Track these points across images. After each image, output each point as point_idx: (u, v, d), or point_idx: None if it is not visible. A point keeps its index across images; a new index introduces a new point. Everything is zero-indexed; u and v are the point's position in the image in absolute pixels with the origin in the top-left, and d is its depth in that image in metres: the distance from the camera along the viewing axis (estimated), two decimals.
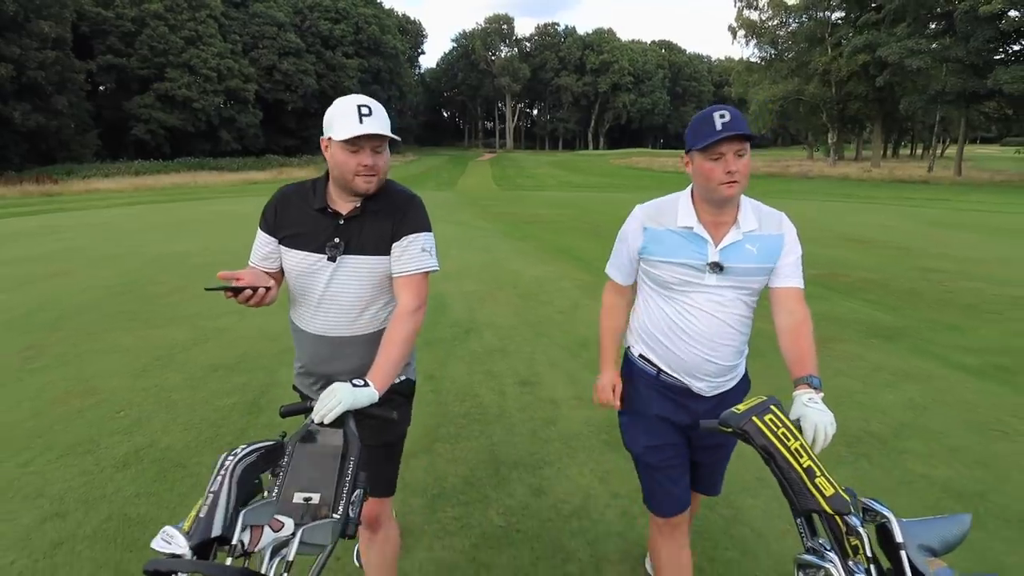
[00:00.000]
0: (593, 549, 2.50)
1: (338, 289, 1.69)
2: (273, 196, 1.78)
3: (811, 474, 1.21)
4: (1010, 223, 14.18)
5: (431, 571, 2.39)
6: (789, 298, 1.70)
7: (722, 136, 1.54)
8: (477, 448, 3.39)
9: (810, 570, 1.19)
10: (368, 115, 1.57)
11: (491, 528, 2.65)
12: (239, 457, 1.24)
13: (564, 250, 10.14)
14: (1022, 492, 2.94)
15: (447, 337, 5.42)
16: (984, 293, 7.08)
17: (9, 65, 35.31)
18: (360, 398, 1.44)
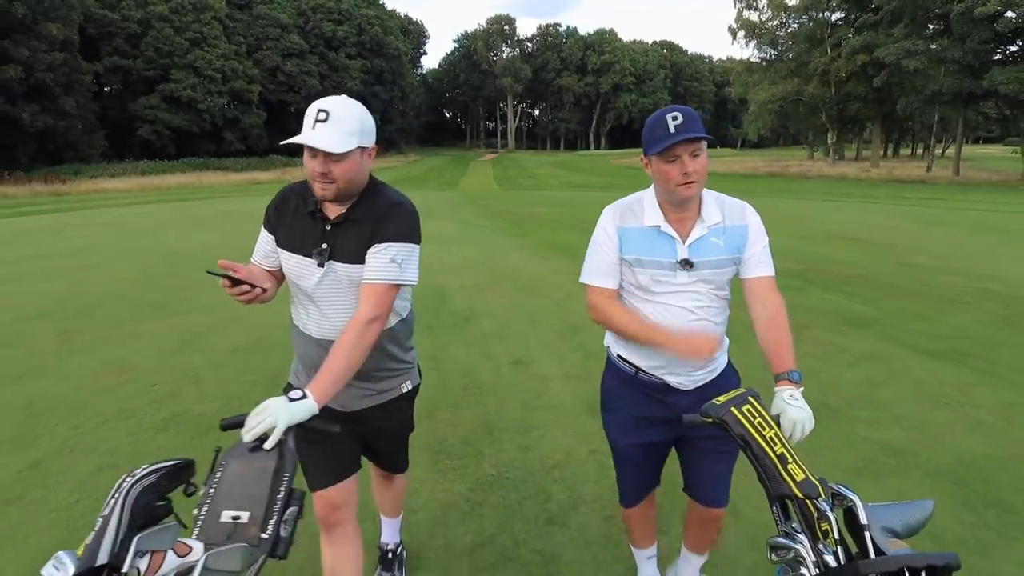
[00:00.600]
0: (571, 492, 2.93)
1: (325, 294, 1.69)
2: (276, 194, 1.79)
3: (784, 461, 1.28)
4: (998, 221, 14.55)
5: (434, 508, 2.82)
6: (761, 288, 1.74)
7: (675, 140, 1.57)
8: (473, 415, 3.82)
9: (781, 552, 1.23)
10: (323, 121, 1.53)
11: (484, 476, 3.08)
12: (137, 478, 1.18)
13: (560, 246, 10.56)
14: (950, 451, 3.36)
15: (448, 324, 5.85)
16: (957, 286, 7.48)
17: (18, 67, 35.81)
18: (296, 414, 1.36)
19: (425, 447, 3.39)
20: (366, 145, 1.63)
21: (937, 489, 2.98)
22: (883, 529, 1.19)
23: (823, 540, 1.18)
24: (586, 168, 47.87)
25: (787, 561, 1.21)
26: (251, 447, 1.31)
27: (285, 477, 1.28)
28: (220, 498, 1.24)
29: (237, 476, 1.28)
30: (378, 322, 1.60)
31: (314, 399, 1.41)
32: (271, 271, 1.78)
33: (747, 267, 1.75)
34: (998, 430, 3.61)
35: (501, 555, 2.50)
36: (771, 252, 1.78)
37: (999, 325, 5.81)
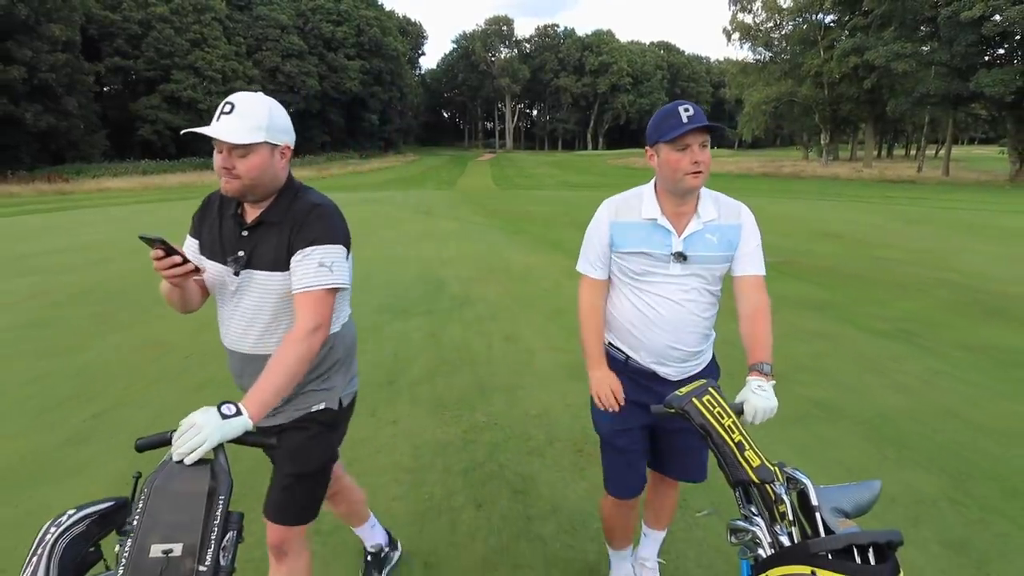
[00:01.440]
0: (548, 434, 3.53)
1: (243, 304, 1.63)
2: (202, 200, 1.74)
3: (741, 448, 1.34)
4: (974, 219, 15.15)
5: (434, 444, 3.41)
6: (749, 286, 1.81)
7: (689, 128, 1.64)
8: (468, 379, 4.42)
9: (740, 534, 1.29)
10: (228, 113, 1.50)
11: (476, 422, 3.68)
12: (63, 528, 1.11)
13: (553, 242, 11.14)
14: (873, 406, 3.96)
15: (446, 308, 6.43)
16: (918, 276, 8.07)
17: (21, 67, 36.28)
18: (229, 430, 1.26)
19: (426, 403, 3.99)
20: (277, 142, 1.57)
21: (854, 434, 3.57)
22: (833, 510, 1.26)
23: (780, 522, 1.25)
24: (583, 168, 48.47)
25: (745, 543, 1.28)
26: (178, 468, 1.18)
27: (220, 500, 1.15)
28: (147, 530, 1.09)
29: (165, 504, 1.12)
30: (321, 331, 1.51)
31: (249, 415, 1.32)
32: (198, 283, 1.69)
33: (738, 265, 1.82)
34: (917, 391, 4.21)
35: (489, 475, 3.09)
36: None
37: (945, 309, 6.40)
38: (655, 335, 1.84)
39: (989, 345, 5.22)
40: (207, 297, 1.74)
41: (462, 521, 2.73)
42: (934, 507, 2.84)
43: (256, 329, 1.63)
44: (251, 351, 1.65)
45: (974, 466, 3.20)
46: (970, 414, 3.83)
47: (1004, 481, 3.06)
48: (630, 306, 1.88)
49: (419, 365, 4.72)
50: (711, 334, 1.93)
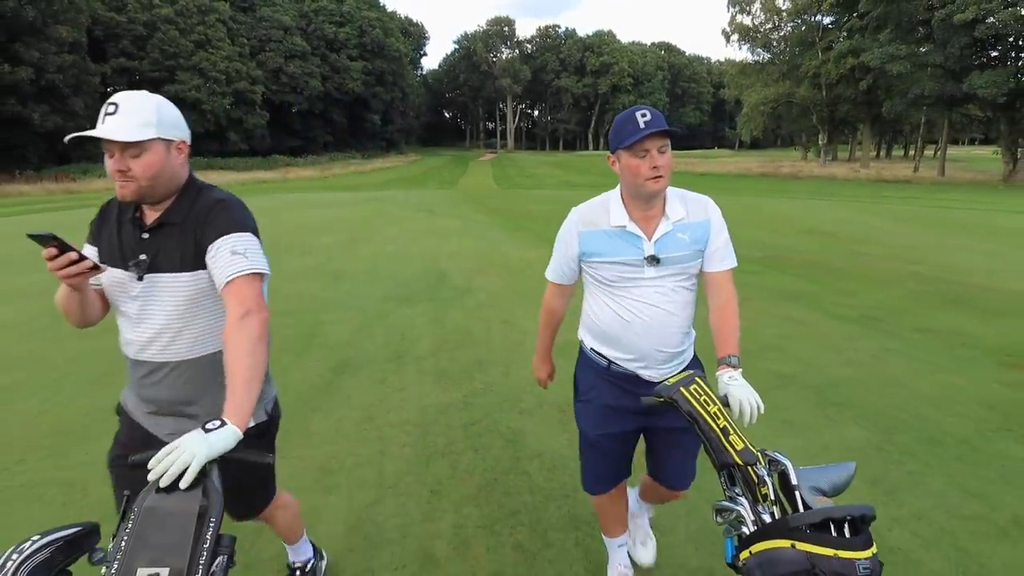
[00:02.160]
0: (537, 398, 4.05)
1: (148, 309, 1.56)
2: (100, 207, 1.68)
3: (726, 433, 1.41)
4: (961, 217, 15.65)
5: (437, 407, 3.94)
6: (718, 280, 1.86)
7: (645, 133, 1.66)
8: (468, 355, 4.94)
9: (725, 513, 1.36)
10: (112, 114, 1.46)
11: (475, 388, 4.21)
12: (25, 555, 1.07)
13: (550, 238, 11.54)
14: (823, 376, 4.47)
15: (448, 296, 6.96)
16: (892, 269, 8.58)
17: (29, 68, 36.78)
18: (218, 445, 1.21)
19: (430, 373, 4.52)
20: (171, 138, 1.53)
21: (802, 399, 4.09)
22: (811, 489, 1.33)
23: (762, 502, 1.32)
24: (584, 168, 48.97)
25: (730, 522, 1.35)
26: (166, 488, 1.14)
27: (211, 522, 1.12)
28: (134, 553, 1.06)
29: (154, 524, 1.09)
30: (253, 315, 1.45)
31: (234, 423, 1.28)
32: (97, 291, 1.64)
33: (709, 262, 1.86)
34: (866, 364, 4.73)
35: (485, 429, 3.62)
36: (742, 243, 2.15)
37: (910, 298, 6.91)
38: (637, 339, 1.86)
39: (944, 329, 5.72)
40: (108, 308, 1.67)
41: (462, 461, 3.25)
42: (861, 452, 3.36)
43: (165, 336, 1.57)
44: (157, 359, 1.58)
45: (902, 423, 3.72)
46: (910, 383, 4.34)
47: (924, 433, 3.57)
48: (610, 312, 1.89)
49: (424, 344, 5.25)
50: (692, 332, 1.97)
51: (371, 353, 5.02)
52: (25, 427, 3.70)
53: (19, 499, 2.94)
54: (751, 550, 1.25)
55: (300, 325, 5.80)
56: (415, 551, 2.53)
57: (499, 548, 2.55)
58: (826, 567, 1.15)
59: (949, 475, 3.14)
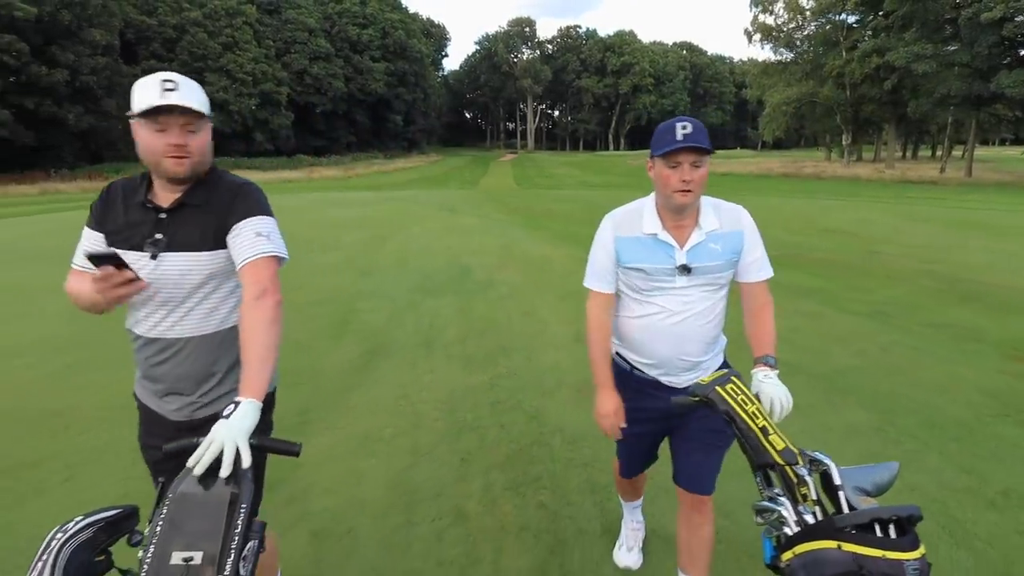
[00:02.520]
0: (557, 381, 4.33)
1: (162, 287, 1.58)
2: (102, 191, 1.67)
3: (765, 432, 1.39)
4: (983, 218, 15.59)
5: (465, 388, 4.24)
6: (755, 289, 1.89)
7: (678, 146, 1.67)
8: (492, 342, 5.24)
9: (766, 514, 1.32)
10: (173, 89, 1.47)
11: (499, 372, 4.51)
12: (69, 534, 1.10)
13: (569, 237, 11.91)
14: (830, 365, 4.69)
15: (472, 289, 7.27)
16: (908, 267, 8.70)
17: (64, 70, 37.95)
18: (244, 423, 1.27)
19: (458, 358, 4.83)
20: (210, 120, 1.58)
21: (809, 386, 4.31)
22: (855, 489, 1.30)
23: (802, 503, 1.30)
24: (603, 168, 49.09)
25: (771, 522, 1.32)
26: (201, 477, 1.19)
27: (242, 508, 1.15)
28: (169, 537, 1.10)
29: (187, 510, 1.14)
30: (269, 295, 1.49)
31: (250, 397, 1.32)
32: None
33: (745, 273, 1.87)
34: (873, 355, 4.93)
35: (510, 408, 3.91)
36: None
37: (923, 295, 7.06)
38: (659, 346, 1.88)
39: (954, 324, 5.89)
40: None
41: (489, 435, 3.55)
42: (862, 433, 3.59)
43: (177, 313, 1.60)
44: (175, 334, 1.62)
45: (904, 407, 3.93)
46: (914, 372, 4.55)
47: (924, 417, 3.79)
48: (636, 318, 1.91)
49: (450, 332, 5.56)
50: (720, 341, 1.98)
51: (402, 339, 5.34)
52: (92, 399, 4.07)
53: (89, 461, 3.29)
54: (795, 551, 1.24)
55: (335, 314, 6.15)
56: (449, 507, 2.83)
57: (524, 507, 2.84)
58: (874, 568, 1.14)
59: (945, 454, 3.36)
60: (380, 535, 2.63)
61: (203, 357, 1.63)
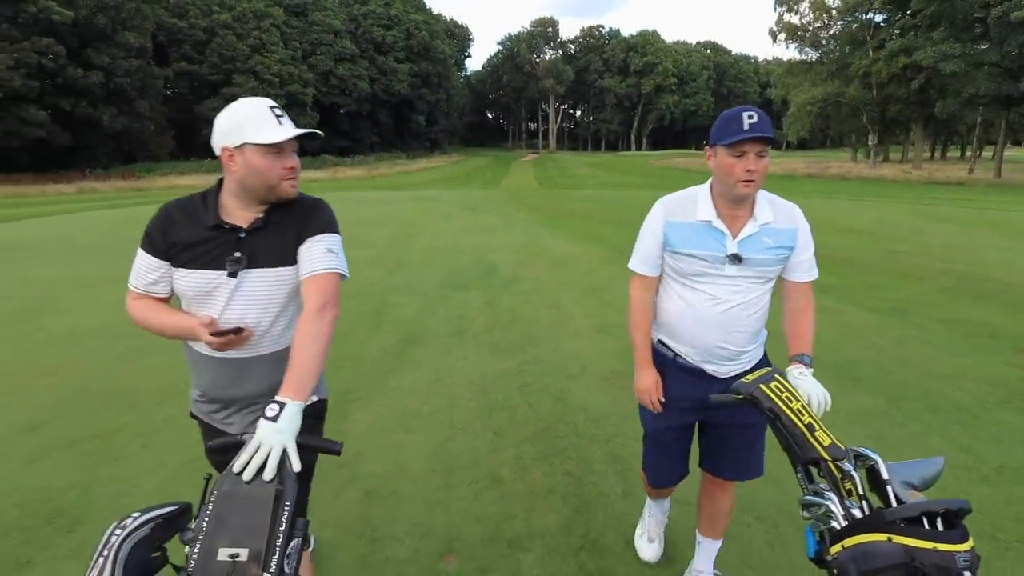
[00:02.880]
0: (581, 367, 4.62)
1: (241, 306, 1.61)
2: (156, 216, 1.66)
3: (811, 429, 1.40)
4: (1007, 219, 15.50)
5: (496, 373, 4.54)
6: (799, 289, 1.92)
7: (748, 136, 1.67)
8: (519, 333, 5.54)
9: (812, 508, 1.33)
10: (282, 116, 1.57)
11: (527, 359, 4.81)
12: (128, 531, 1.11)
13: (590, 235, 12.17)
14: (845, 357, 4.91)
15: (498, 284, 7.58)
16: (926, 266, 8.82)
17: (100, 72, 39.04)
18: (289, 426, 1.29)
19: (487, 346, 5.15)
20: None
21: (820, 374, 4.49)
22: (902, 483, 1.31)
23: (847, 497, 1.31)
24: (625, 169, 49.16)
25: (817, 516, 1.32)
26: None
27: (286, 506, 1.17)
28: (215, 533, 1.12)
29: (233, 507, 1.16)
30: (328, 309, 1.55)
31: (293, 399, 1.35)
32: (162, 298, 1.69)
33: (793, 272, 1.90)
34: (886, 348, 5.14)
35: (537, 390, 4.22)
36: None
37: (940, 293, 7.21)
38: (704, 334, 1.89)
39: (968, 320, 6.05)
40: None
41: (518, 413, 3.85)
42: (869, 416, 3.82)
43: (257, 331, 1.63)
44: (252, 353, 1.65)
45: (911, 394, 4.15)
46: (924, 364, 4.75)
47: (930, 403, 4.01)
48: (681, 304, 1.92)
49: (479, 323, 5.88)
50: (762, 334, 1.99)
51: (435, 329, 5.67)
52: (161, 377, 4.46)
53: (162, 430, 3.66)
54: (844, 544, 1.25)
55: (371, 304, 6.50)
56: (485, 474, 3.13)
57: (552, 474, 3.13)
58: (926, 559, 1.15)
59: (947, 436, 3.58)
60: (423, 496, 2.95)
61: (273, 375, 1.63)
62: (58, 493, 2.96)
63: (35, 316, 6.12)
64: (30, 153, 37.45)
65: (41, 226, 13.79)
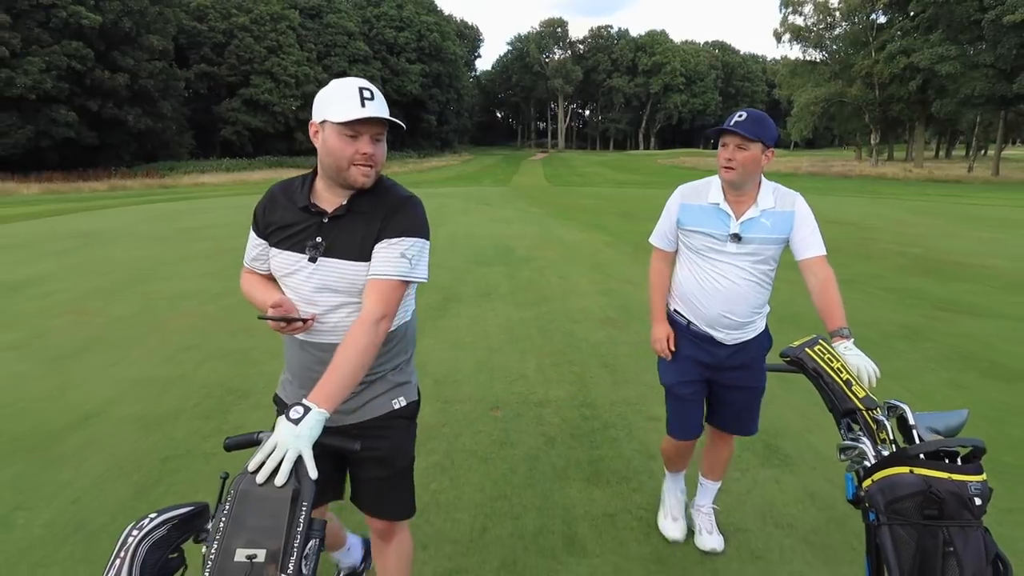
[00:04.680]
0: (585, 316, 5.98)
1: (319, 292, 1.58)
2: (264, 195, 1.70)
3: (848, 384, 1.63)
4: (983, 213, 16.61)
5: (519, 320, 5.88)
6: (812, 264, 2.10)
7: (724, 128, 2.02)
8: (535, 295, 6.92)
9: (848, 451, 1.53)
10: (371, 99, 1.48)
11: (541, 311, 6.19)
12: (145, 531, 1.12)
13: (597, 225, 13.49)
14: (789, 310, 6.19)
15: (516, 261, 8.96)
16: (889, 249, 10.08)
17: (125, 75, 40.57)
18: (308, 433, 1.24)
19: (511, 303, 6.54)
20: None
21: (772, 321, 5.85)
22: (928, 429, 1.51)
23: (881, 444, 1.53)
24: (633, 167, 50.31)
25: (852, 458, 1.53)
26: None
27: (303, 506, 1.15)
28: (232, 534, 1.10)
29: (249, 507, 1.13)
30: (386, 321, 1.51)
31: (319, 407, 1.31)
32: (265, 275, 1.72)
33: (798, 249, 2.10)
34: None
35: (550, 330, 5.60)
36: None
37: (892, 269, 8.48)
38: (711, 304, 2.16)
39: (906, 288, 7.32)
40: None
41: (537, 342, 5.23)
42: None
43: (334, 317, 1.60)
44: (329, 340, 1.61)
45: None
46: (853, 315, 5.88)
47: None
48: (692, 279, 2.21)
49: (503, 288, 7.25)
50: (764, 308, 2.25)
51: (467, 292, 7.04)
52: (268, 379, 4.58)
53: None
54: (872, 478, 1.38)
55: None
56: (516, 373, 4.49)
57: (561, 372, 4.51)
58: (941, 488, 1.27)
59: None
60: (475, 381, 4.34)
61: None
62: (224, 382, 4.34)
63: (142, 284, 7.51)
64: (59, 152, 39.05)
65: (98, 219, 15.27)
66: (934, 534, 1.30)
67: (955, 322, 5.86)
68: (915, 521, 1.32)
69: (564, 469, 3.15)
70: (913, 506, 1.32)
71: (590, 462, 3.23)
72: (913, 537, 1.31)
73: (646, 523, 2.70)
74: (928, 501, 1.30)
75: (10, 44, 34.72)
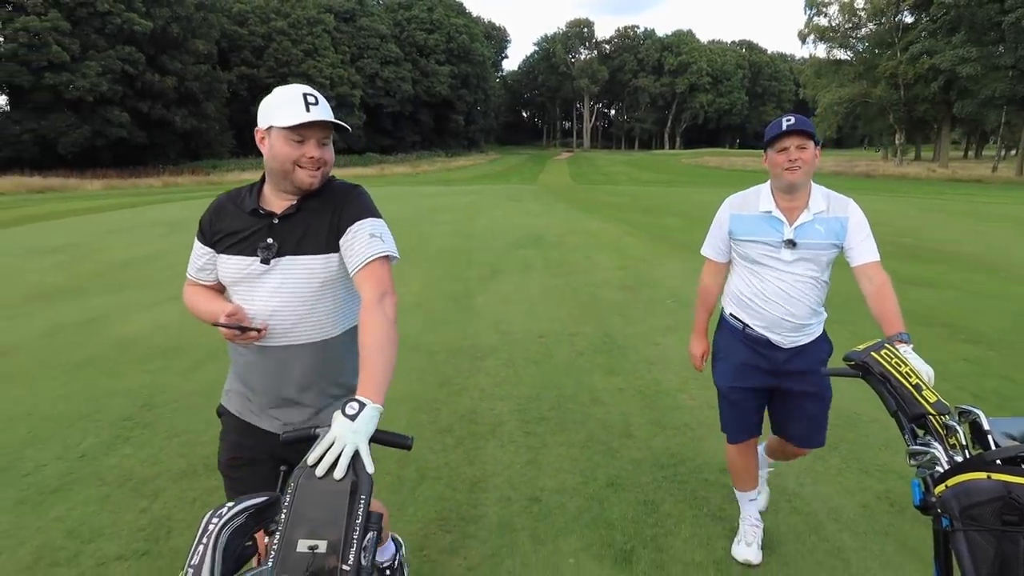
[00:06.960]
0: (605, 283, 7.38)
1: (274, 294, 1.58)
2: (210, 204, 1.71)
3: (919, 389, 1.56)
4: (992, 211, 17.25)
5: (553, 285, 7.30)
6: (867, 269, 2.11)
7: (784, 131, 2.03)
8: (565, 270, 8.33)
9: (919, 456, 1.45)
10: (315, 104, 1.51)
11: (571, 281, 7.60)
12: (224, 519, 1.15)
13: (618, 218, 14.80)
14: None
15: (548, 245, 10.40)
16: (882, 239, 11.15)
17: (173, 77, 42.84)
18: (365, 428, 1.24)
19: (546, 273, 7.98)
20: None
21: None
22: (1003, 434, 1.45)
23: (952, 449, 1.46)
24: (657, 167, 51.19)
25: (923, 463, 1.45)
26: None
27: (362, 498, 1.16)
28: (295, 525, 1.12)
29: (310, 499, 1.15)
30: (389, 296, 1.51)
31: (373, 402, 1.29)
32: (211, 286, 1.73)
33: (852, 255, 2.14)
34: None
35: (579, 293, 6.99)
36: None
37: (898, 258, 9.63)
38: (769, 307, 2.19)
39: (886, 269, 8.52)
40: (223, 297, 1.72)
41: (567, 301, 6.65)
42: None
43: (292, 319, 1.60)
44: (287, 342, 1.61)
45: None
46: None
47: None
48: (749, 284, 2.25)
49: (538, 264, 8.70)
50: (821, 312, 2.26)
51: (510, 267, 8.49)
52: None
53: None
54: (947, 484, 1.36)
55: (459, 256, 9.36)
56: (554, 318, 5.93)
57: (585, 320, 5.91)
58: (1021, 493, 1.25)
59: None
60: (522, 324, 5.76)
61: (313, 365, 1.65)
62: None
63: None
64: (111, 151, 41.42)
65: (170, 210, 17.05)
66: (1014, 540, 1.27)
67: (912, 291, 7.08)
68: (993, 527, 1.29)
69: (590, 368, 4.58)
70: (991, 512, 1.29)
71: (607, 365, 4.65)
72: (991, 543, 1.29)
73: (642, 393, 4.11)
74: (1007, 507, 1.28)
75: (70, 49, 37.13)
